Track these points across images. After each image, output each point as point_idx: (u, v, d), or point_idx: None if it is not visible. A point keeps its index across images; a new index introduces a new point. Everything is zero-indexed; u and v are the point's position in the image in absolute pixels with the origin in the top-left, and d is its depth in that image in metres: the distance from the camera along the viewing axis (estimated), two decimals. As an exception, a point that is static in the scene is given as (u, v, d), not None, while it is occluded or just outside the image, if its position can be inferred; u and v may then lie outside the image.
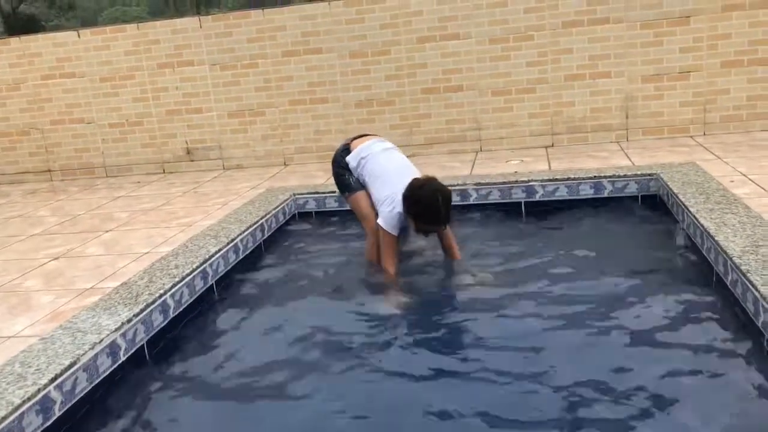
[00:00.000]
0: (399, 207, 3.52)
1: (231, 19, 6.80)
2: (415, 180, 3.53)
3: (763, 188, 4.16)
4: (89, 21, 33.09)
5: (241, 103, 6.91)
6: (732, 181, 4.37)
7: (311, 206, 5.17)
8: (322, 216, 5.13)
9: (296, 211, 5.15)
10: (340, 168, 3.92)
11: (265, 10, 6.75)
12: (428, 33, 6.36)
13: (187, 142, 7.10)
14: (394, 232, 3.60)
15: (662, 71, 6.06)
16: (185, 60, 6.91)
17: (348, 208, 4.09)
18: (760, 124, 6.00)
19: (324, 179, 5.93)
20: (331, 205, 5.13)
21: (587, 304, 3.22)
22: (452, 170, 5.69)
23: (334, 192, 5.11)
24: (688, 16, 5.93)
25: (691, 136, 6.08)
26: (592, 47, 6.14)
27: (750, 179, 4.41)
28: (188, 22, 6.89)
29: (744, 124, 6.02)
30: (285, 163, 6.93)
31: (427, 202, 3.41)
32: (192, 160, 7.14)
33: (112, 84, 7.11)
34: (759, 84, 5.94)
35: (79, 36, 7.11)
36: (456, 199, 4.90)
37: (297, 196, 5.19)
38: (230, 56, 6.81)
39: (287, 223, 4.98)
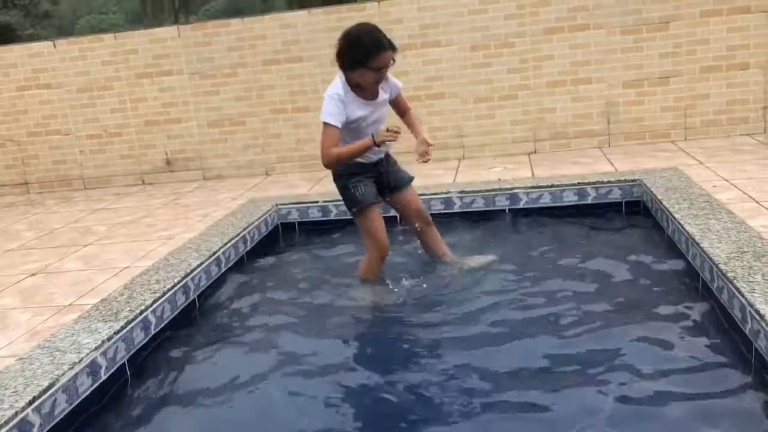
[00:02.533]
0: (334, 89, 3.29)
1: (210, 28, 6.74)
2: (340, 37, 3.33)
3: (745, 193, 4.18)
4: (65, 30, 32.77)
5: (222, 112, 6.84)
6: (714, 186, 4.38)
7: (294, 217, 5.12)
8: (306, 226, 5.08)
9: (279, 222, 5.10)
10: (342, 178, 3.60)
11: (245, 18, 6.69)
12: (409, 41, 6.34)
13: (166, 153, 7.02)
14: (332, 121, 3.26)
15: (643, 77, 6.09)
16: (164, 70, 6.83)
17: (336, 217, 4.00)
18: (740, 128, 6.04)
19: (307, 189, 5.88)
20: (315, 215, 5.08)
21: (572, 315, 3.20)
22: (436, 178, 5.67)
23: (317, 202, 5.08)
24: (668, 22, 5.96)
25: (673, 141, 6.11)
26: (573, 53, 6.15)
27: (732, 184, 4.43)
28: (167, 32, 6.81)
29: (724, 129, 6.07)
30: (267, 173, 6.87)
31: (358, 34, 3.25)
32: (172, 171, 7.05)
33: (89, 95, 7.01)
34: (738, 89, 5.99)
35: (55, 46, 7.00)
36: (440, 208, 4.91)
37: (279, 207, 5.13)
38: (210, 65, 6.74)
39: (270, 234, 4.92)
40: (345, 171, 3.54)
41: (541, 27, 6.14)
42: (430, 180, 5.53)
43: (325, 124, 3.29)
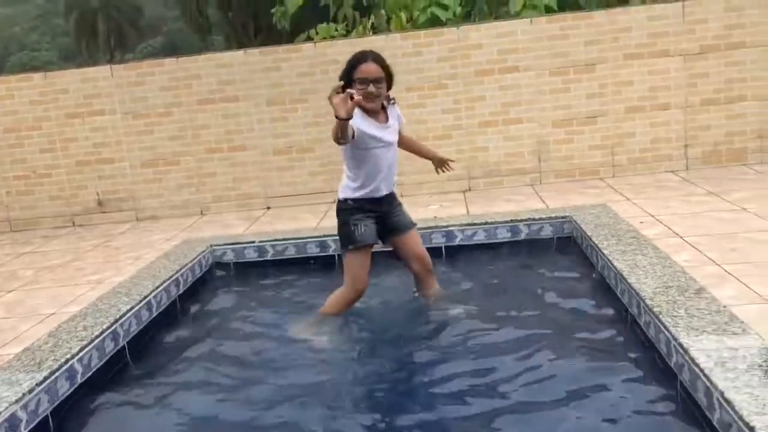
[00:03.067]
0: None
1: (144, 67, 6.66)
2: None
3: (670, 228, 4.34)
4: (-5, 67, 31.90)
5: (155, 152, 6.73)
6: (641, 222, 4.54)
7: (230, 257, 5.04)
8: (242, 267, 5.00)
9: (214, 263, 5.01)
10: (344, 213, 3.59)
11: (179, 58, 6.65)
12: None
13: (98, 194, 6.84)
14: None
15: (571, 116, 6.31)
16: (96, 109, 6.69)
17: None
18: (664, 165, 6.30)
19: (243, 228, 5.81)
20: (251, 255, 5.01)
21: (504, 350, 3.24)
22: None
23: (253, 242, 5.02)
24: (594, 64, 6.21)
25: (602, 178, 6.32)
26: (504, 94, 6.33)
27: (658, 220, 4.59)
28: (99, 71, 6.70)
29: (650, 166, 6.32)
30: (202, 213, 6.77)
31: (354, 56, 3.41)
32: (104, 212, 6.87)
33: (17, 135, 6.80)
34: (661, 128, 6.26)
35: (-20, 85, 6.79)
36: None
37: (214, 248, 5.05)
38: (143, 105, 6.64)
39: (204, 275, 4.83)
40: (349, 206, 3.56)
41: (472, 69, 6.31)
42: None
43: None
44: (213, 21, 25.16)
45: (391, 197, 3.67)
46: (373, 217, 3.60)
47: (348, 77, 3.35)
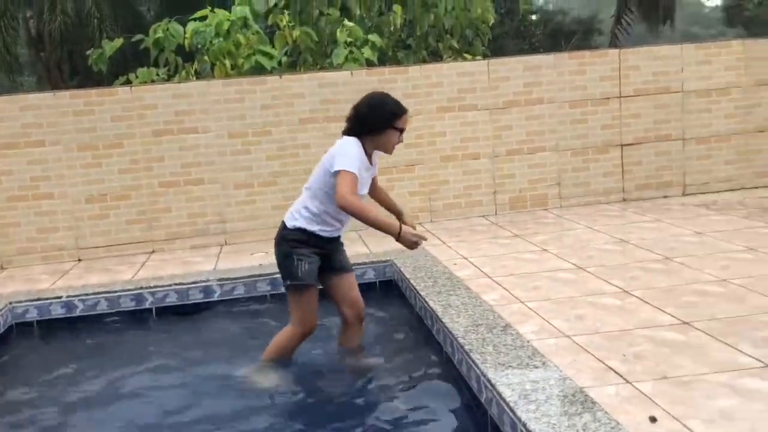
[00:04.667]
0: (355, 143, 3.35)
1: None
2: (357, 105, 3.48)
3: (480, 270, 4.63)
4: None
5: (-53, 200, 6.07)
6: (455, 264, 4.80)
7: (33, 315, 4.62)
8: (47, 325, 4.60)
9: (14, 322, 4.56)
10: (287, 243, 3.44)
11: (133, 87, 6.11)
12: (164, 126, 6.23)
13: None
14: (356, 170, 3.25)
15: (390, 164, 6.56)
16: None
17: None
18: (476, 210, 6.74)
19: (50, 283, 5.37)
20: (58, 312, 4.64)
21: (325, 394, 3.25)
22: (195, 265, 5.52)
23: (60, 297, 4.66)
24: (411, 116, 6.53)
25: (420, 223, 6.61)
26: (330, 143, 6.46)
27: (470, 262, 4.89)
28: (41, 99, 6.16)
29: (463, 211, 6.72)
30: (2, 267, 6.17)
31: (383, 98, 3.46)
32: None
33: None
34: (472, 175, 6.71)
35: None
36: (199, 297, 4.77)
37: (14, 305, 4.61)
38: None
39: (2, 336, 4.38)
40: (297, 237, 3.41)
41: (296, 117, 6.40)
42: (189, 267, 5.37)
43: (348, 171, 3.23)
44: (24, 60, 23.41)
45: (339, 237, 3.63)
46: (319, 254, 3.49)
47: (388, 121, 3.39)
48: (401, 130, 3.45)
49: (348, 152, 3.30)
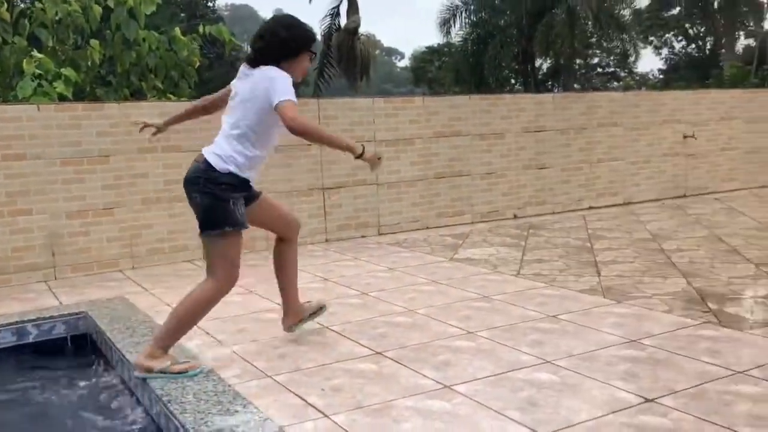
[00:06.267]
0: (282, 72, 3.26)
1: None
2: (268, 24, 3.47)
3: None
4: None
5: None
6: (158, 312, 4.58)
7: None
8: None
9: None
10: (225, 189, 3.25)
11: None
12: None
13: None
14: (293, 98, 3.17)
15: (86, 207, 6.09)
16: None
17: None
18: (182, 255, 6.53)
19: None
20: None
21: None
22: None
23: None
24: (108, 156, 6.16)
25: (121, 270, 6.21)
26: (10, 183, 5.79)
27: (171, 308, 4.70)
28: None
29: (168, 256, 6.47)
30: None
31: (293, 20, 3.44)
32: None
33: None
34: (178, 219, 6.50)
35: None
36: None
37: None
38: None
39: None
40: (229, 182, 3.23)
41: (-30, 154, 5.65)
42: None
43: (290, 100, 3.14)
44: None
45: None
46: (244, 198, 3.37)
47: (306, 45, 3.39)
48: (313, 54, 3.51)
49: (282, 80, 3.22)
